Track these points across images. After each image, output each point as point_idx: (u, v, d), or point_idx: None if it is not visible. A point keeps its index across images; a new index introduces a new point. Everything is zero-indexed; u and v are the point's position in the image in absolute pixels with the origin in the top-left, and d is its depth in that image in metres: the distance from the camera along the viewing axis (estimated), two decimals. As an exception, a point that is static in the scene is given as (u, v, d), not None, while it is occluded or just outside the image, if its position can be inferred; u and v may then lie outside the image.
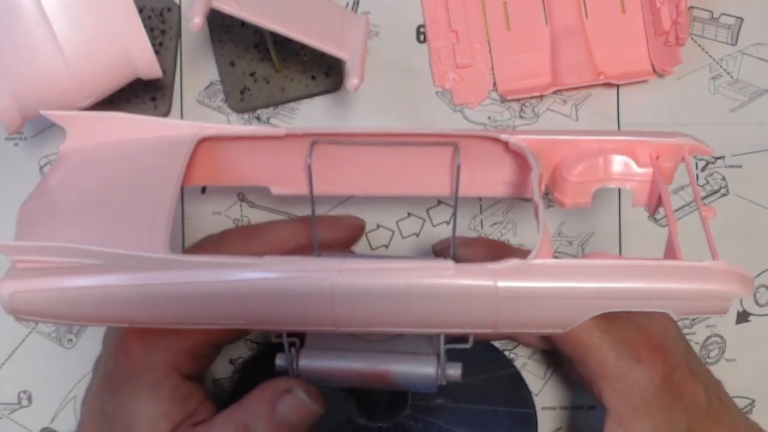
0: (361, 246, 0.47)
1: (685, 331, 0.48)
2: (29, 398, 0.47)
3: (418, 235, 0.48)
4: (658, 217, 0.38)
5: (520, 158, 0.38)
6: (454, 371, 0.35)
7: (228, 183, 0.40)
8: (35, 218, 0.35)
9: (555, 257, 0.33)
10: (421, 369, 0.35)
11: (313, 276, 0.32)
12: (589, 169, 0.37)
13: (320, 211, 0.39)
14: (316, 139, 0.38)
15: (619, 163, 0.37)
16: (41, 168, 0.47)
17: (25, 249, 0.32)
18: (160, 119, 0.38)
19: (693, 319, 0.48)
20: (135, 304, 0.32)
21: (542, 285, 0.32)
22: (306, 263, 0.32)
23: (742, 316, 0.48)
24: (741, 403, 0.48)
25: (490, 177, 0.40)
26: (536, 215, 0.35)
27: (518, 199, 0.46)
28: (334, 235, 0.40)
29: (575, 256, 0.48)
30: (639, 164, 0.37)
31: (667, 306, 0.33)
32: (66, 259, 0.32)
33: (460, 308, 0.32)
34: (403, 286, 0.32)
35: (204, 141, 0.38)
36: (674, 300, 0.32)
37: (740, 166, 0.48)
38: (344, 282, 0.31)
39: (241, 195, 0.47)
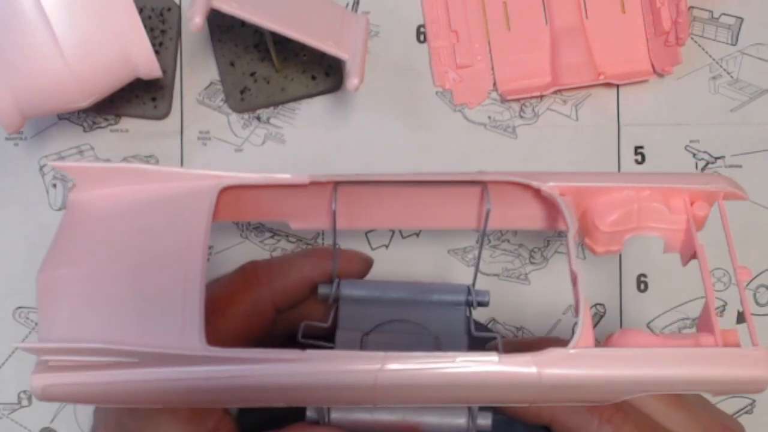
0: (361, 247, 0.47)
1: (685, 331, 0.48)
2: (29, 398, 0.47)
3: (418, 235, 0.48)
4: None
5: (551, 200, 0.37)
6: (485, 421, 0.36)
7: (246, 219, 0.39)
8: (58, 293, 0.33)
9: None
10: (452, 421, 0.35)
11: (355, 372, 0.31)
12: (623, 219, 0.36)
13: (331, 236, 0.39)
14: (339, 184, 0.37)
15: (652, 210, 0.36)
16: (41, 168, 0.47)
17: (57, 350, 0.32)
18: (176, 169, 0.36)
19: (693, 319, 0.48)
20: (172, 395, 0.32)
21: (584, 373, 0.32)
22: (348, 359, 0.32)
23: (743, 317, 0.48)
24: (741, 403, 0.48)
25: (519, 214, 0.39)
26: (574, 287, 0.34)
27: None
28: (349, 269, 0.40)
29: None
30: (672, 211, 0.36)
31: (705, 389, 0.33)
32: (99, 358, 0.31)
33: (501, 392, 0.32)
34: (446, 376, 0.32)
35: (224, 188, 0.36)
36: (713, 385, 0.32)
37: (740, 166, 0.48)
38: (387, 376, 0.31)
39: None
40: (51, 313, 0.33)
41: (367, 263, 0.40)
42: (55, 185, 0.47)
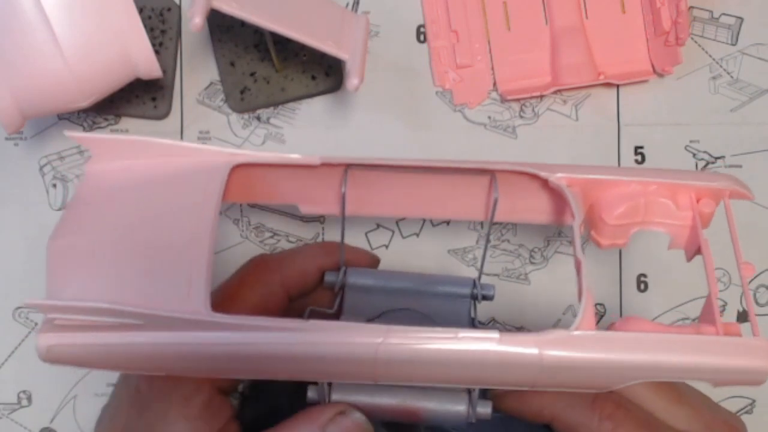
0: (361, 246, 0.47)
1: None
2: (29, 398, 0.47)
3: (418, 235, 0.48)
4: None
5: (558, 192, 0.37)
6: (484, 409, 0.36)
7: (257, 201, 0.40)
8: (67, 259, 0.34)
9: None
10: (452, 407, 0.36)
11: (357, 344, 0.32)
12: (630, 212, 0.36)
13: (336, 226, 0.39)
14: (349, 167, 0.37)
15: (659, 205, 0.36)
16: (41, 168, 0.47)
17: (64, 308, 0.32)
18: (191, 144, 0.37)
19: (693, 319, 0.48)
20: (175, 360, 0.32)
21: (583, 355, 0.32)
22: (350, 330, 0.32)
23: (743, 316, 0.48)
24: (741, 403, 0.48)
25: (526, 205, 0.39)
26: (578, 274, 0.34)
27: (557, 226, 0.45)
28: (357, 263, 0.40)
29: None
30: (679, 207, 0.36)
31: (704, 378, 0.33)
32: (104, 318, 0.32)
33: (502, 372, 0.33)
34: (447, 353, 0.32)
35: (236, 166, 0.37)
36: (712, 373, 0.33)
37: (740, 166, 0.48)
38: (389, 350, 0.31)
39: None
40: (59, 276, 0.33)
41: (375, 260, 0.40)
42: (55, 185, 0.47)
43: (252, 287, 0.38)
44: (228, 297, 0.37)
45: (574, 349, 0.32)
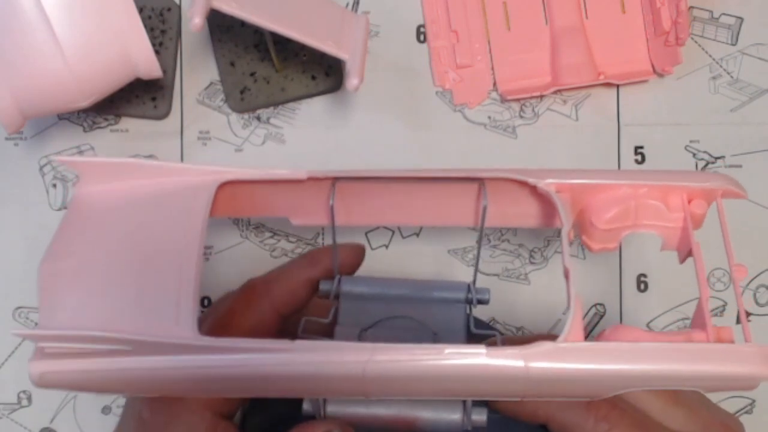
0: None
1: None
2: (29, 398, 0.47)
3: (418, 234, 0.48)
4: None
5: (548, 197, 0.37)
6: (479, 416, 0.36)
7: (247, 216, 0.40)
8: (58, 283, 0.34)
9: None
10: (447, 416, 0.36)
11: (344, 363, 0.32)
12: (620, 216, 0.36)
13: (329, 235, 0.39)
14: (337, 180, 0.37)
15: (650, 208, 0.36)
16: (41, 168, 0.47)
17: (54, 337, 0.32)
18: (177, 164, 0.37)
19: (693, 319, 0.48)
20: (166, 383, 0.33)
21: (571, 366, 0.32)
22: (337, 350, 0.32)
23: (742, 316, 0.48)
24: (741, 402, 0.48)
25: (516, 211, 0.39)
26: (566, 281, 0.34)
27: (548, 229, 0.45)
28: (343, 260, 0.40)
29: (575, 256, 0.48)
30: (670, 209, 0.36)
31: (695, 385, 0.33)
32: (94, 345, 0.32)
33: (489, 386, 0.33)
34: (434, 368, 0.32)
35: (223, 183, 0.37)
36: (703, 381, 0.32)
37: (740, 166, 0.48)
38: (376, 367, 0.32)
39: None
40: (51, 302, 0.33)
41: (359, 250, 0.40)
42: (55, 185, 0.47)
43: (243, 315, 0.38)
44: (222, 326, 0.37)
45: (560, 361, 0.31)
